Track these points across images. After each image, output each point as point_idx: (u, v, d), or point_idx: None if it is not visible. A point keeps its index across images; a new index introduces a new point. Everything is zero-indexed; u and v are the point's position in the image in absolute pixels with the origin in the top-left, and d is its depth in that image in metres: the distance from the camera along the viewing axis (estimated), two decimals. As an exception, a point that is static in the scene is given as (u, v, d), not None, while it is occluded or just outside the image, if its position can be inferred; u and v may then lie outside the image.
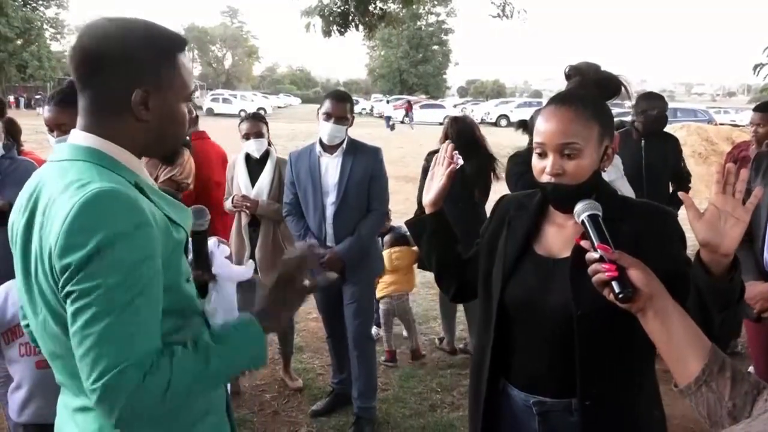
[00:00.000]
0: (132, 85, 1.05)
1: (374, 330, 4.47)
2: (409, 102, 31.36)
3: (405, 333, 4.22)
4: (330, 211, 3.03)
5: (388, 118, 28.70)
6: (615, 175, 2.99)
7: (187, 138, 3.62)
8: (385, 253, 4.01)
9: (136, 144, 1.12)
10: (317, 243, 3.02)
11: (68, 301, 0.97)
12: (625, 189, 2.99)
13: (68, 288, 0.96)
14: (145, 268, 1.00)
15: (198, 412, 1.19)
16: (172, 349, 1.03)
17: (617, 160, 3.13)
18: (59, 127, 2.44)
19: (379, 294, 4.03)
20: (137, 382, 0.96)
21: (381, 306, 4.08)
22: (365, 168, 3.02)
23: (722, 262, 1.11)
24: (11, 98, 33.04)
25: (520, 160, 2.99)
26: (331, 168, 3.04)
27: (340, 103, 2.98)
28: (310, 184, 3.04)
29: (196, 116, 4.21)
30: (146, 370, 0.97)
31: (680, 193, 1.14)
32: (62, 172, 1.04)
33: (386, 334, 4.06)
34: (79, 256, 0.95)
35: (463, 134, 3.82)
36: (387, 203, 3.19)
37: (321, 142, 3.04)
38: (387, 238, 4.17)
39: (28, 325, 1.22)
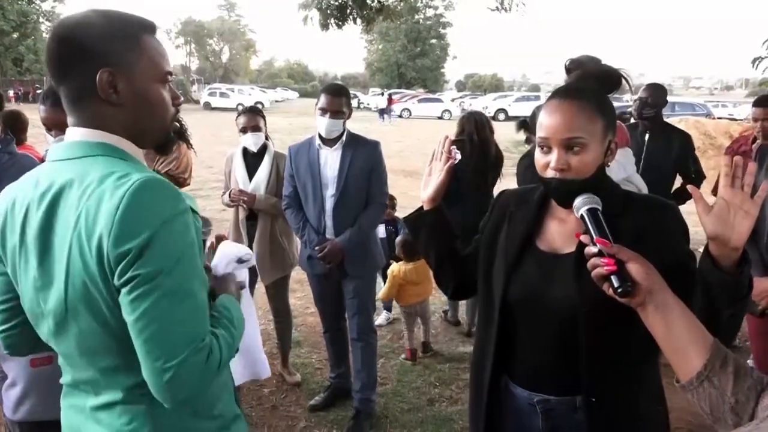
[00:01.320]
0: (96, 70, 1.06)
1: (384, 315, 4.54)
2: (390, 96, 31.28)
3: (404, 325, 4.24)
4: (329, 203, 3.02)
5: (382, 111, 28.88)
6: (630, 170, 2.99)
7: (187, 131, 3.60)
8: (407, 267, 3.99)
9: (126, 133, 1.12)
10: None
11: (129, 287, 0.98)
12: (642, 185, 2.99)
13: (129, 273, 0.98)
14: (194, 251, 1.05)
15: (217, 390, 1.21)
16: (213, 330, 1.09)
17: (629, 155, 3.14)
18: (58, 126, 2.42)
19: (403, 303, 4.09)
20: (203, 363, 1.02)
21: (404, 310, 4.12)
22: (365, 161, 3.01)
23: (731, 256, 1.10)
24: (11, 92, 32.85)
25: (530, 162, 2.98)
26: (330, 161, 3.03)
27: (336, 98, 2.96)
28: (310, 176, 3.03)
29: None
30: (209, 350, 1.03)
31: (689, 187, 1.14)
32: (86, 168, 1.05)
33: (408, 333, 4.07)
34: (138, 242, 0.97)
35: (481, 128, 4.05)
36: (386, 196, 3.19)
37: (320, 135, 3.04)
38: (400, 250, 4.12)
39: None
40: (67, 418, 1.20)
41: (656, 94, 3.95)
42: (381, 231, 4.58)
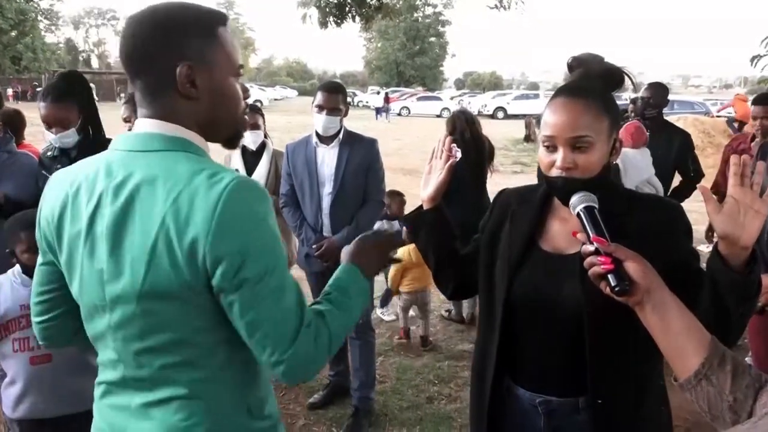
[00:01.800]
0: (175, 63, 1.06)
1: (380, 311, 4.58)
2: (387, 95, 31.82)
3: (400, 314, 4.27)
4: (326, 201, 3.03)
5: (378, 110, 29.21)
6: (649, 172, 2.99)
7: None
8: (410, 247, 4.04)
9: (198, 127, 1.11)
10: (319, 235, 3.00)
11: (239, 291, 1.00)
12: (659, 188, 3.01)
13: (237, 278, 1.00)
14: (281, 245, 1.08)
15: (265, 391, 1.21)
16: (318, 309, 1.14)
17: (647, 156, 3.14)
18: (60, 122, 2.43)
19: (404, 288, 4.16)
20: (313, 345, 1.06)
21: (404, 296, 4.20)
22: (362, 158, 3.01)
23: (741, 255, 1.09)
24: (10, 91, 32.75)
25: None
26: (327, 158, 3.03)
27: (332, 95, 2.97)
28: (307, 174, 3.04)
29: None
30: (315, 331, 1.07)
31: (699, 186, 1.14)
32: (169, 163, 1.04)
33: (403, 314, 4.21)
34: (239, 245, 0.99)
35: (471, 124, 4.15)
36: (383, 193, 3.19)
37: (317, 133, 3.04)
38: (407, 235, 4.22)
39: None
40: (105, 418, 1.16)
41: (658, 93, 3.99)
42: (396, 226, 4.65)
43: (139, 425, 1.10)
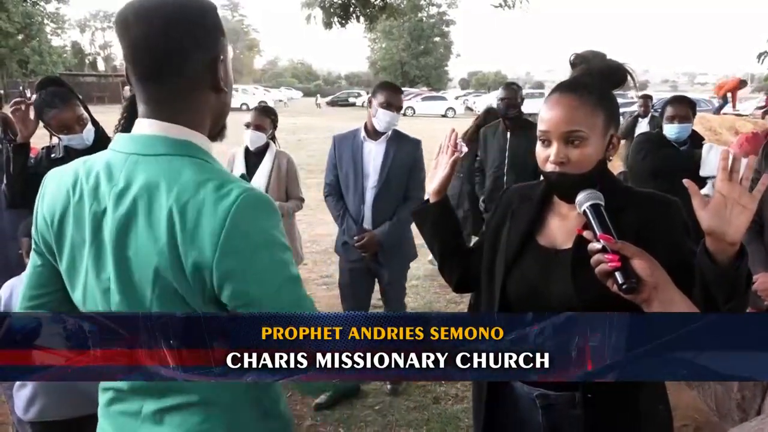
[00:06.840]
0: (203, 59, 1.04)
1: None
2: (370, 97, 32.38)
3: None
4: (370, 194, 3.15)
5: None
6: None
7: None
8: None
9: (212, 121, 1.10)
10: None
11: (250, 308, 0.97)
12: None
13: (250, 296, 0.97)
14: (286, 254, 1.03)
15: (278, 391, 1.19)
16: None
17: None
18: (81, 121, 2.55)
19: None
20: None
21: None
22: (407, 156, 3.16)
23: (728, 251, 1.08)
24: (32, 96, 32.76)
25: (645, 138, 3.68)
26: (374, 153, 3.15)
27: (398, 94, 3.14)
28: (352, 166, 3.15)
29: None
30: None
31: (685, 181, 1.11)
32: (173, 170, 0.98)
33: None
34: (247, 263, 0.96)
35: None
36: (425, 193, 3.26)
37: (366, 128, 3.16)
38: None
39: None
40: (115, 426, 1.12)
41: (517, 94, 4.06)
42: None
43: (152, 429, 1.08)
